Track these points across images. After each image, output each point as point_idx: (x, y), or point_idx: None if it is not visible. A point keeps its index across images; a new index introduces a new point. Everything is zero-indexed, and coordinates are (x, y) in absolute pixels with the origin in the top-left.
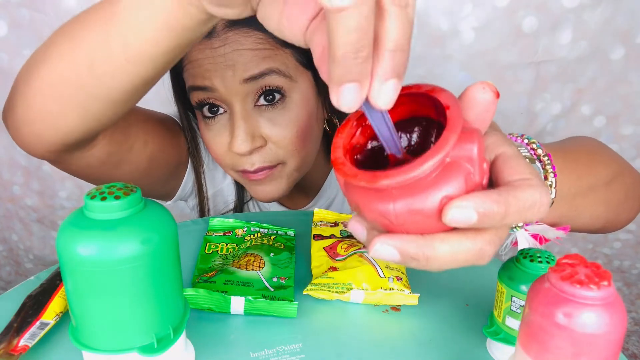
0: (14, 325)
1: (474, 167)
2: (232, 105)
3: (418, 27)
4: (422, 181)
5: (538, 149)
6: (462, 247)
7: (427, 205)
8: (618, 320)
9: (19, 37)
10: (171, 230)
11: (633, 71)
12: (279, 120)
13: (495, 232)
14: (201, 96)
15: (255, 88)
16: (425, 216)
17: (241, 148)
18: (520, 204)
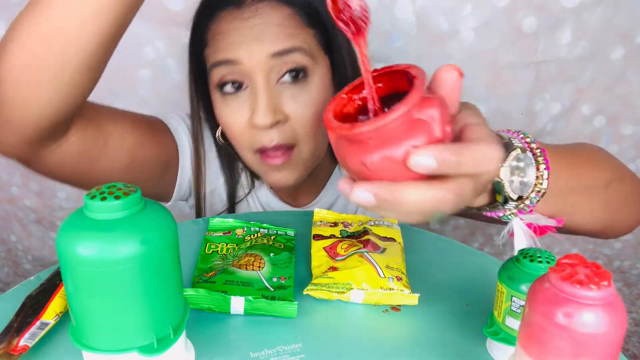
0: (14, 325)
1: (436, 125)
2: (256, 80)
3: (418, 27)
4: (392, 134)
5: (532, 143)
6: (427, 194)
7: (396, 153)
8: (618, 320)
9: None
10: (171, 230)
11: (633, 71)
12: (300, 98)
13: (457, 182)
14: (224, 71)
15: (279, 64)
16: (395, 163)
17: (263, 120)
18: (473, 155)
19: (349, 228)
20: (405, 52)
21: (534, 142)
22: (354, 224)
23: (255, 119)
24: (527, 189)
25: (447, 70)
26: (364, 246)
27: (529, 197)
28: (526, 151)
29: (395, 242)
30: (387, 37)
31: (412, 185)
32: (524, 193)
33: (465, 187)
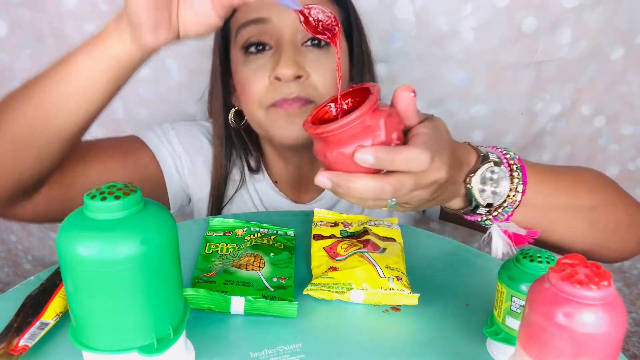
0: (14, 325)
1: (381, 131)
2: (282, 38)
3: (418, 27)
4: (346, 135)
5: (512, 159)
6: (369, 183)
7: (348, 151)
8: (618, 320)
9: (19, 37)
10: (171, 230)
11: (633, 71)
12: (322, 63)
13: (395, 177)
14: (252, 31)
15: None
16: (347, 158)
17: (287, 70)
18: (403, 156)
19: (349, 228)
20: (405, 52)
21: (515, 159)
22: (354, 224)
23: (280, 68)
24: (498, 198)
25: (402, 90)
26: (364, 246)
27: (502, 207)
28: (501, 165)
29: (395, 242)
30: (387, 37)
31: (359, 176)
32: (495, 202)
33: (403, 182)
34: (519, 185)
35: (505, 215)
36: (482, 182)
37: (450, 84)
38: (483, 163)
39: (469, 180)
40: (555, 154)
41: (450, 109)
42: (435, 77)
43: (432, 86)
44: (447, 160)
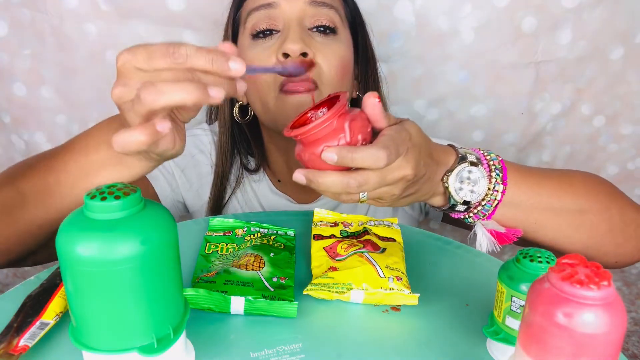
0: (14, 325)
1: (345, 133)
2: (289, 23)
3: (418, 27)
4: (316, 137)
5: (492, 160)
6: (337, 179)
7: (316, 150)
8: (618, 320)
9: (20, 37)
10: (171, 230)
11: (632, 71)
12: (327, 48)
13: (359, 173)
14: (260, 16)
15: (314, 13)
16: (318, 157)
17: (294, 45)
18: (362, 154)
19: (349, 228)
20: (405, 52)
21: (495, 160)
22: (354, 224)
23: (287, 43)
24: (476, 196)
25: (368, 97)
26: (364, 246)
27: (481, 205)
28: (479, 165)
29: (395, 242)
30: (387, 37)
31: (327, 172)
32: (473, 200)
33: (367, 178)
34: (498, 185)
35: (486, 214)
36: (460, 181)
37: (450, 84)
38: (460, 163)
39: (446, 178)
40: (555, 154)
41: (450, 109)
42: (435, 77)
43: (432, 86)
44: (414, 159)
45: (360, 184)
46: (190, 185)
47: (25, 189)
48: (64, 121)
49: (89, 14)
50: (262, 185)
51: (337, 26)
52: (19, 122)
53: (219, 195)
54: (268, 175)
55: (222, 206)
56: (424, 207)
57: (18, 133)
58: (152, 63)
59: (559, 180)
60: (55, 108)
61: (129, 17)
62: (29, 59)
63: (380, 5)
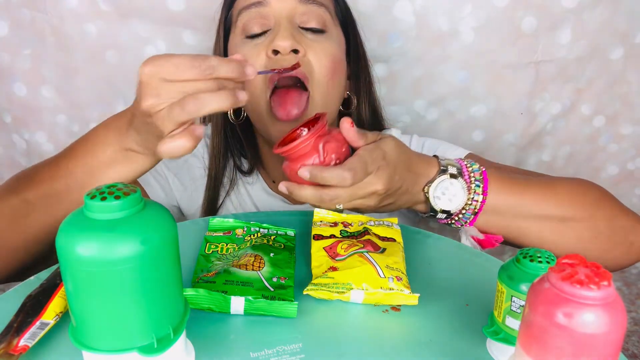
0: (14, 325)
1: (319, 153)
2: (280, 20)
3: (418, 27)
4: (297, 155)
5: (473, 172)
6: (311, 192)
7: (294, 167)
8: (618, 320)
9: (20, 37)
10: (171, 230)
11: (632, 71)
12: (319, 44)
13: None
14: (251, 15)
15: (304, 11)
16: (295, 173)
17: (284, 42)
18: (331, 174)
19: (349, 228)
20: (405, 52)
21: (477, 172)
22: (354, 224)
23: (277, 40)
24: (455, 206)
25: (342, 122)
26: (364, 246)
27: (462, 213)
28: (458, 177)
29: (395, 242)
30: (387, 37)
31: (304, 186)
32: (451, 209)
33: (337, 193)
34: (477, 195)
35: (467, 221)
36: (441, 192)
37: (450, 84)
38: (440, 175)
39: (427, 189)
40: (555, 154)
41: (450, 109)
42: (435, 77)
43: (432, 86)
44: (385, 176)
45: (332, 198)
46: (185, 188)
47: (31, 198)
48: (64, 121)
49: (89, 14)
50: (256, 186)
51: (327, 24)
52: (19, 121)
53: (213, 198)
54: (262, 177)
55: (216, 209)
56: None
57: (19, 133)
58: (181, 75)
59: (544, 189)
60: (56, 108)
61: (129, 17)
62: (29, 59)
63: (380, 5)
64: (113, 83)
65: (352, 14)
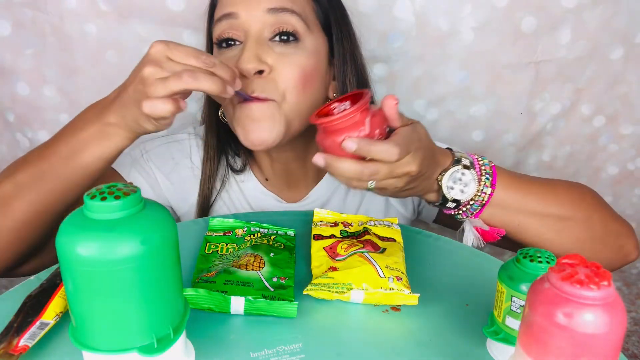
0: (14, 325)
1: (365, 126)
2: (249, 31)
3: (418, 27)
4: (339, 127)
5: (484, 165)
6: (352, 166)
7: (338, 139)
8: (618, 320)
9: (22, 37)
10: (171, 230)
11: (632, 71)
12: (287, 57)
13: (373, 164)
14: (224, 27)
15: (273, 21)
16: (338, 145)
17: (246, 64)
18: (379, 147)
19: (349, 228)
20: (405, 52)
21: (488, 165)
22: (354, 224)
23: (240, 63)
24: (466, 196)
25: (387, 99)
26: (364, 246)
27: (470, 204)
28: (471, 169)
29: (395, 242)
30: (387, 37)
31: (345, 159)
32: (462, 199)
33: (379, 169)
34: (487, 187)
35: (474, 212)
36: (452, 181)
37: (450, 84)
38: (454, 165)
39: (440, 177)
40: (555, 154)
41: (450, 109)
42: (435, 77)
43: (432, 86)
44: (420, 158)
45: (372, 173)
46: (175, 188)
47: (20, 180)
48: (66, 119)
49: (89, 14)
50: (249, 185)
51: (298, 32)
52: (22, 120)
53: (206, 196)
54: (255, 174)
55: (209, 207)
56: (417, 207)
57: (22, 131)
58: (185, 59)
59: (546, 188)
60: (58, 107)
61: (129, 17)
62: (31, 58)
63: (380, 5)
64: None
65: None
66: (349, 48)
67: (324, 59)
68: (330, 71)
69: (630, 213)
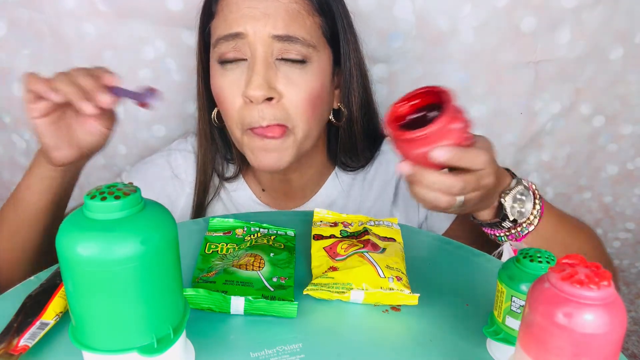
0: (14, 325)
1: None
2: (256, 52)
3: (417, 27)
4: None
5: (536, 189)
6: (439, 179)
7: (426, 150)
8: (618, 320)
9: (18, 37)
10: (171, 230)
11: (632, 71)
12: (295, 79)
13: (463, 175)
14: (229, 46)
15: (280, 47)
16: (424, 156)
17: (256, 91)
18: (469, 154)
19: (349, 228)
20: (405, 52)
21: (538, 191)
22: (354, 224)
23: (249, 89)
24: (522, 217)
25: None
26: (364, 246)
27: (521, 226)
28: (529, 190)
29: (395, 242)
30: (387, 37)
31: (432, 171)
32: (519, 219)
33: (468, 180)
34: (538, 211)
35: (521, 235)
36: (513, 200)
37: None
38: (517, 185)
39: (504, 196)
40: (554, 154)
41: None
42: (435, 77)
43: None
44: (495, 169)
45: (464, 184)
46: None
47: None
48: None
49: (87, 14)
50: (241, 194)
51: (308, 54)
52: (19, 122)
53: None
54: (249, 184)
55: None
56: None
57: (19, 133)
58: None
59: (575, 221)
60: None
61: (128, 17)
62: (28, 59)
63: (380, 5)
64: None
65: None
66: (355, 58)
67: (330, 72)
68: (334, 80)
69: (630, 213)
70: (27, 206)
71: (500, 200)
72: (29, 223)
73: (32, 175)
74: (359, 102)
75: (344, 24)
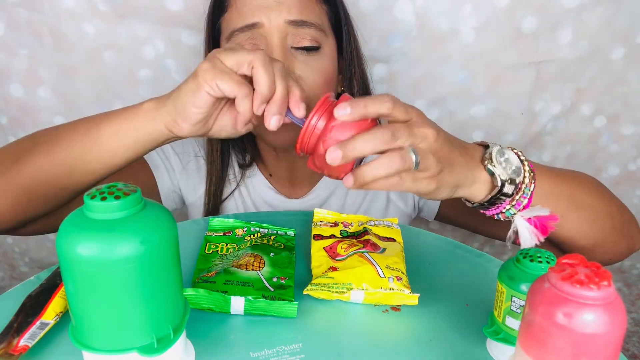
0: (14, 325)
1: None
2: (272, 41)
3: (417, 28)
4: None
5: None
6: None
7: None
8: (618, 320)
9: (16, 37)
10: (171, 230)
11: (633, 71)
12: (312, 65)
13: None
14: (246, 36)
15: (296, 32)
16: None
17: None
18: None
19: (349, 228)
20: (405, 52)
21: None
22: (354, 224)
23: None
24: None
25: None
26: (364, 246)
27: (521, 190)
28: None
29: (395, 242)
30: (387, 37)
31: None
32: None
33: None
34: (528, 166)
35: (526, 199)
36: (497, 160)
37: (450, 84)
38: (492, 147)
39: (487, 162)
40: (555, 154)
41: (450, 109)
42: (435, 77)
43: (432, 86)
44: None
45: (393, 132)
46: (188, 175)
47: (38, 139)
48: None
49: (87, 14)
50: (255, 179)
51: (320, 40)
52: (16, 123)
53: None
54: (261, 170)
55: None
56: (417, 204)
57: (15, 134)
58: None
59: (571, 173)
60: (53, 109)
61: (127, 17)
62: (26, 59)
63: (380, 5)
64: (111, 83)
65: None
66: (355, 46)
67: (336, 57)
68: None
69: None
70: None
71: (487, 167)
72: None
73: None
74: (360, 85)
75: (345, 14)
